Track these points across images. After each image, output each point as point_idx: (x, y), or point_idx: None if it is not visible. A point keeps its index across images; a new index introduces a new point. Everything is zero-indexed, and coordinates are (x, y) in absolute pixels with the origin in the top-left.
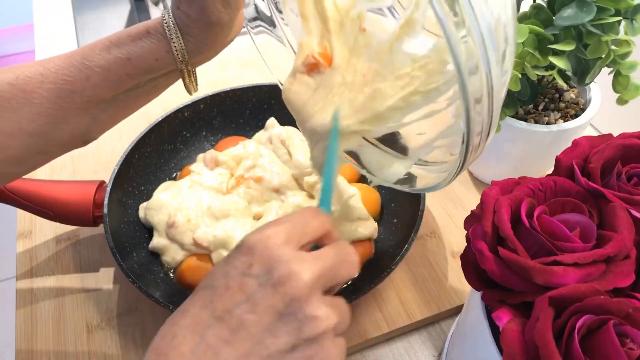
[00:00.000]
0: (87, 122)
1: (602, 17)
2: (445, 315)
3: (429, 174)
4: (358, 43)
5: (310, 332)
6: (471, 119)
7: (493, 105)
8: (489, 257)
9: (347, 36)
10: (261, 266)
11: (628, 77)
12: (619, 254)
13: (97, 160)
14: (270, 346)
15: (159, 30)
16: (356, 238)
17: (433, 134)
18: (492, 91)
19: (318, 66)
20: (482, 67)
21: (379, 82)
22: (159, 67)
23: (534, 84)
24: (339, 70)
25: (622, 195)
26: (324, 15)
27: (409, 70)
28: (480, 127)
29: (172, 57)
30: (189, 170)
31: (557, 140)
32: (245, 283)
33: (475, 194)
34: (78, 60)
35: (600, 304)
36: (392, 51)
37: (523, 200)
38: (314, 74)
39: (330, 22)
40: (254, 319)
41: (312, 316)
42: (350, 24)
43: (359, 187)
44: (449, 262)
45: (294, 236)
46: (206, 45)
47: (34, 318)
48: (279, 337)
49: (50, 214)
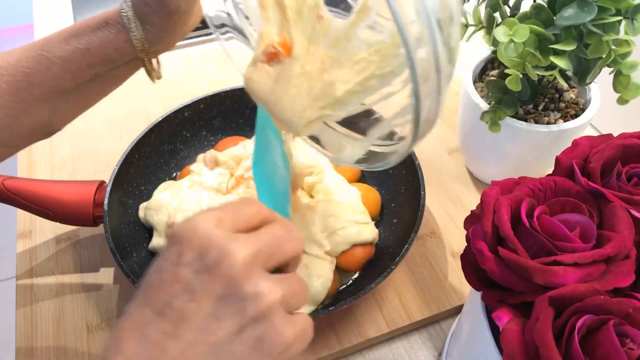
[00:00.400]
0: (48, 114)
1: (602, 17)
2: (445, 315)
3: (386, 152)
4: (316, 31)
5: (254, 309)
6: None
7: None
8: (489, 257)
9: (305, 24)
10: (192, 253)
11: (629, 76)
12: (619, 254)
13: (97, 160)
14: (216, 331)
15: (118, 20)
16: (359, 242)
17: (390, 114)
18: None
19: (278, 55)
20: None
21: (337, 69)
22: (118, 56)
23: (534, 84)
24: (298, 60)
25: (622, 195)
26: (281, 3)
27: (365, 55)
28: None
29: (131, 46)
30: (189, 170)
31: (557, 140)
32: (179, 273)
33: (475, 194)
34: (37, 51)
35: (600, 304)
36: (349, 38)
37: (523, 200)
38: (274, 64)
39: (288, 11)
40: (194, 307)
41: (253, 293)
42: (307, 12)
43: (359, 187)
44: (449, 262)
45: (226, 220)
46: (165, 33)
47: (34, 318)
48: (223, 320)
49: (50, 214)
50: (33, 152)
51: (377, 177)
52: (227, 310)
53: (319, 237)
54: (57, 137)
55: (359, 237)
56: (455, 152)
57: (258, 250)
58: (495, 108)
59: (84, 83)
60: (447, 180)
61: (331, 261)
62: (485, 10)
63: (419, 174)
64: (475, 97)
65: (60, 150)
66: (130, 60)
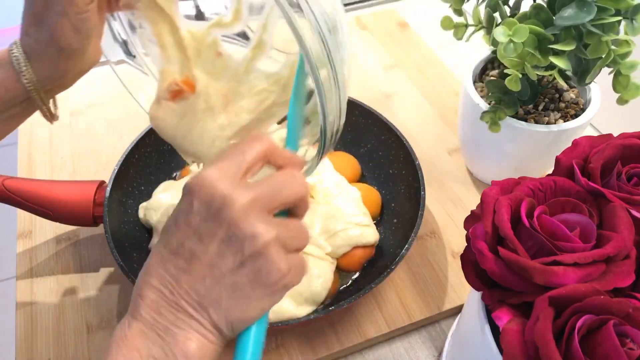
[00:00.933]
0: None
1: (602, 17)
2: (445, 315)
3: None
4: (216, 67)
5: (251, 248)
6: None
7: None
8: (489, 257)
9: (205, 62)
10: (201, 203)
11: (628, 76)
12: (619, 254)
13: (97, 160)
14: (221, 266)
15: (7, 59)
16: (361, 244)
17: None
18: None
19: (182, 92)
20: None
21: (240, 100)
22: (9, 97)
23: (534, 84)
24: (201, 95)
25: (622, 195)
26: (181, 44)
27: (266, 86)
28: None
29: (22, 86)
30: (189, 170)
31: (557, 140)
32: (190, 220)
33: (475, 194)
34: None
35: (600, 304)
36: (248, 71)
37: (523, 200)
38: (178, 100)
39: (188, 50)
40: (202, 248)
41: (250, 233)
42: (206, 51)
43: (359, 187)
44: (449, 262)
45: (230, 171)
46: (57, 72)
47: (34, 318)
48: (226, 258)
49: (50, 214)
50: (33, 152)
51: (377, 177)
52: (229, 250)
53: (320, 239)
54: (57, 137)
55: (361, 239)
56: (455, 152)
57: (256, 196)
58: (495, 108)
59: None
60: (447, 180)
61: (331, 261)
62: (485, 10)
63: (419, 174)
64: (475, 97)
65: (60, 150)
66: (25, 100)
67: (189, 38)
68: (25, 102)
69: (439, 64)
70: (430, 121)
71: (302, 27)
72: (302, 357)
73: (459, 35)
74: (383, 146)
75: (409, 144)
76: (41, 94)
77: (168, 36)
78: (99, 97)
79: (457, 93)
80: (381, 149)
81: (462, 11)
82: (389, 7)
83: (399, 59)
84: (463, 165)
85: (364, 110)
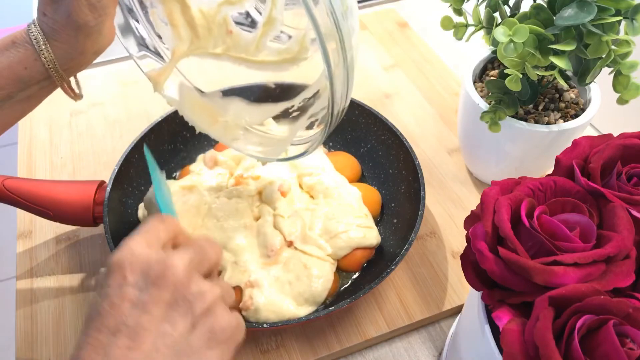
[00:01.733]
0: None
1: (602, 17)
2: (445, 315)
3: (302, 145)
4: (227, 45)
5: (201, 305)
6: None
7: (347, 67)
8: (489, 257)
9: (216, 40)
10: (136, 273)
11: (628, 76)
12: (619, 254)
13: (97, 160)
14: (172, 333)
15: (26, 39)
16: (363, 246)
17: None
18: (346, 56)
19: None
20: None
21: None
22: (29, 76)
23: (534, 84)
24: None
25: (622, 195)
26: (192, 22)
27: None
28: (340, 93)
29: (42, 64)
30: (189, 170)
31: (557, 140)
32: (126, 292)
33: (475, 194)
34: None
35: (600, 304)
36: (259, 48)
37: (523, 200)
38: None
39: (199, 29)
40: (148, 318)
41: (198, 291)
42: (217, 29)
43: (359, 187)
44: (449, 262)
45: (152, 241)
46: (75, 51)
47: (34, 318)
48: (176, 322)
49: (50, 214)
50: (33, 152)
51: (377, 177)
52: (178, 312)
53: (320, 240)
54: (57, 137)
55: (363, 241)
56: (455, 152)
57: (191, 258)
58: (495, 108)
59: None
60: (447, 180)
61: (332, 262)
62: (485, 10)
63: (419, 174)
64: (475, 97)
65: (60, 150)
66: (43, 80)
67: (199, 17)
68: (43, 81)
69: (439, 64)
70: (430, 121)
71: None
72: (302, 357)
73: (459, 35)
74: (383, 146)
75: (409, 144)
76: (60, 72)
77: (179, 15)
78: (99, 97)
79: (457, 93)
80: (381, 149)
81: (462, 11)
82: (389, 7)
83: (399, 58)
84: (463, 165)
85: (364, 110)
